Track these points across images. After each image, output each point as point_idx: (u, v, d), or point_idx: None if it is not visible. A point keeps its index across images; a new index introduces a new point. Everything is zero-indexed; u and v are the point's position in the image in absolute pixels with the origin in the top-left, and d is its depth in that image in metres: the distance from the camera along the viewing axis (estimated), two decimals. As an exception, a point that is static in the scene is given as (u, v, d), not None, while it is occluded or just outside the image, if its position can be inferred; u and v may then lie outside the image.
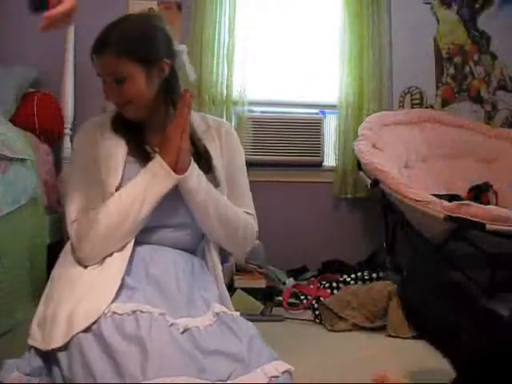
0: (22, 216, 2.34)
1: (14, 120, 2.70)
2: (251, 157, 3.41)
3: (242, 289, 2.83)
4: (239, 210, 1.55)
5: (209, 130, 1.59)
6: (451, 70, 3.65)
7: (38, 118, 2.81)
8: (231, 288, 2.87)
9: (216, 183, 1.52)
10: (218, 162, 1.55)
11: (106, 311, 1.21)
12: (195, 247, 1.55)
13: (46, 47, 3.17)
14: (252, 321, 1.45)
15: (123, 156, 1.45)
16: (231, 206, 1.53)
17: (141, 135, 1.51)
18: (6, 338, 1.95)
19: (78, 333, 1.19)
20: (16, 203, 2.26)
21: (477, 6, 3.66)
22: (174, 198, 1.45)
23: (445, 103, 3.64)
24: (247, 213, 1.59)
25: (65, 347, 1.21)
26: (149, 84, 1.45)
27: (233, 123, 3.39)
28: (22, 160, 2.34)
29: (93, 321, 1.20)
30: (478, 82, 3.67)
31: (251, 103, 3.43)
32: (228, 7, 3.35)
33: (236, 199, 1.57)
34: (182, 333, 1.24)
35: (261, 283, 2.91)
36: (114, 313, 1.21)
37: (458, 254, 2.81)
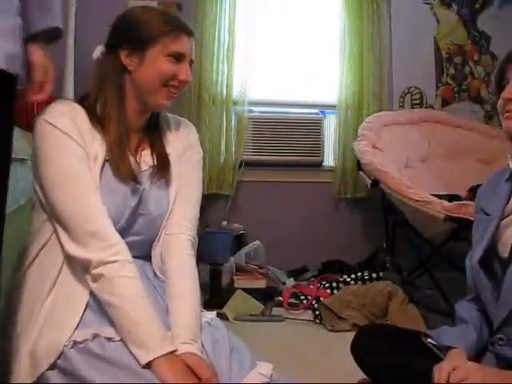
0: (22, 216, 2.33)
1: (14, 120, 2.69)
2: (251, 157, 3.42)
3: (242, 289, 2.83)
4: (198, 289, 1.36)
5: (169, 129, 1.48)
6: (451, 70, 3.65)
7: (38, 117, 2.81)
8: (231, 288, 2.87)
9: (168, 202, 1.40)
10: (174, 162, 1.43)
11: (66, 343, 1.16)
12: (149, 253, 1.42)
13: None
14: (252, 321, 1.44)
15: (102, 159, 1.32)
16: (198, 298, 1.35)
17: (124, 145, 1.35)
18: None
19: (43, 372, 1.16)
20: (16, 203, 2.26)
21: (477, 5, 3.66)
22: (142, 211, 1.36)
23: (445, 103, 3.64)
24: (187, 226, 1.40)
25: None
26: None
27: (233, 123, 3.39)
28: (22, 160, 2.34)
29: (56, 356, 1.15)
30: (478, 82, 3.67)
31: (251, 103, 3.43)
32: (228, 7, 3.36)
33: (182, 199, 1.42)
34: None
35: (261, 283, 2.92)
36: (76, 342, 1.16)
37: (457, 254, 2.81)
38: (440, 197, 2.66)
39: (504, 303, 1.29)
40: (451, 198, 2.74)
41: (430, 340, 1.41)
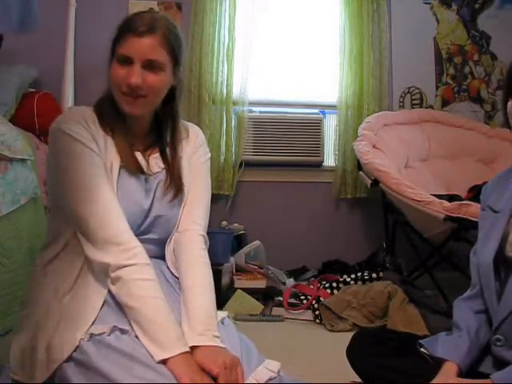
0: (22, 216, 2.34)
1: (14, 120, 2.70)
2: (251, 157, 3.42)
3: (242, 289, 2.83)
4: (211, 279, 1.43)
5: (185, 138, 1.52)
6: (451, 70, 3.65)
7: (38, 118, 2.81)
8: (231, 288, 2.87)
9: (181, 202, 1.46)
10: (184, 165, 1.47)
11: (83, 336, 1.18)
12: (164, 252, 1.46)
13: (46, 47, 3.17)
14: (252, 321, 1.44)
15: (117, 166, 1.36)
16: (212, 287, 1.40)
17: (131, 143, 1.41)
18: (8, 337, 1.95)
19: (59, 364, 1.18)
20: (16, 203, 2.26)
21: (477, 6, 3.66)
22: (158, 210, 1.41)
23: (445, 103, 3.64)
24: (198, 223, 1.46)
25: (49, 379, 1.19)
26: (167, 84, 1.39)
27: (233, 123, 3.39)
28: (22, 160, 2.34)
29: (72, 349, 1.18)
30: (477, 82, 3.67)
31: (251, 103, 3.43)
32: (228, 7, 3.35)
33: (193, 199, 1.47)
34: None
35: (261, 283, 2.92)
36: (92, 334, 1.18)
37: (458, 254, 2.81)
38: (440, 197, 2.66)
39: (505, 303, 1.29)
40: (451, 197, 2.74)
41: (423, 350, 1.40)
